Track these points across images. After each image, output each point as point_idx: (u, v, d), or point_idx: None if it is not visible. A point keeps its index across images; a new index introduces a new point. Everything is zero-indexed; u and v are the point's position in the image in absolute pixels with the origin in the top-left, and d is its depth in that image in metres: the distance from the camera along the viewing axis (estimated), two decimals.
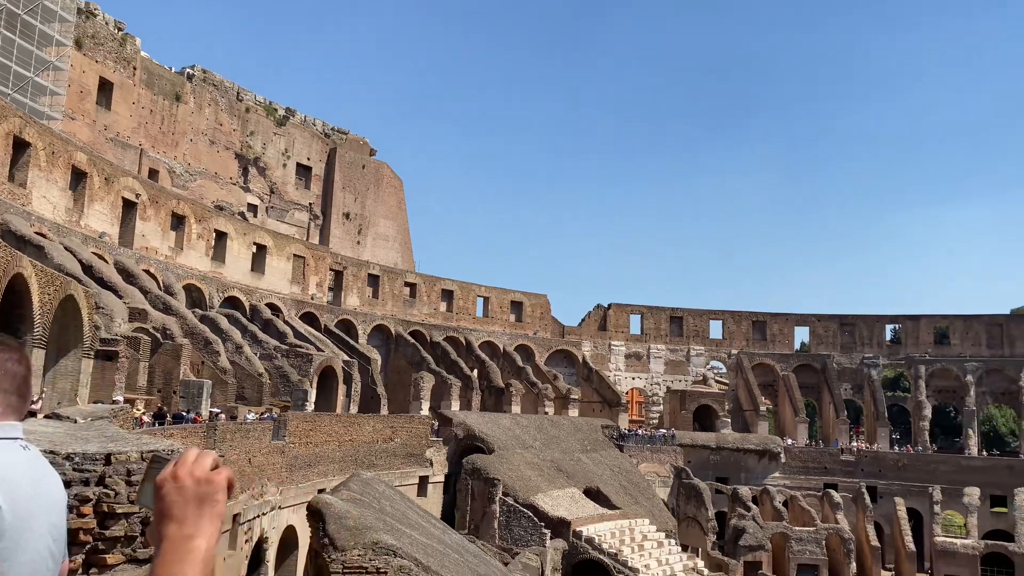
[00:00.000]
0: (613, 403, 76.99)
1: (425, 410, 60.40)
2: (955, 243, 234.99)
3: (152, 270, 49.47)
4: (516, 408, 68.02)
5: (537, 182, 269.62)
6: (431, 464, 50.31)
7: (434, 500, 50.40)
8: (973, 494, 64.80)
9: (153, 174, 62.50)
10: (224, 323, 48.94)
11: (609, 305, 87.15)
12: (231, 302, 56.27)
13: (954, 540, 62.52)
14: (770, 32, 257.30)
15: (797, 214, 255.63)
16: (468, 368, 69.47)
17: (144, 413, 29.39)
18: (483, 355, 74.02)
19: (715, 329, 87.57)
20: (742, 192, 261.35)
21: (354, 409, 53.33)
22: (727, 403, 79.70)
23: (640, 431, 74.92)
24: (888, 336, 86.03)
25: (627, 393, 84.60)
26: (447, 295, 78.67)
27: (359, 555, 17.13)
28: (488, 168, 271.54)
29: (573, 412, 72.65)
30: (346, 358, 55.85)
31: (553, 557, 44.35)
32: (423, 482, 49.62)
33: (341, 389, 52.98)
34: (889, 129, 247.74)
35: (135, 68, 63.97)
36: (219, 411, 35.05)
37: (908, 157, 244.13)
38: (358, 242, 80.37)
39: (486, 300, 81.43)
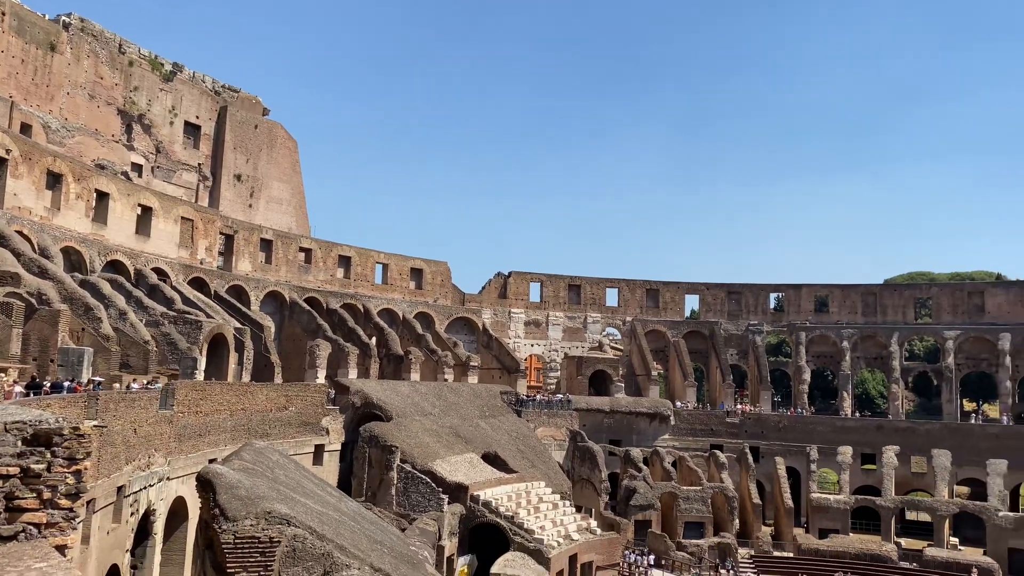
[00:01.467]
0: (512, 369, 77.89)
1: (321, 378, 59.44)
2: (835, 215, 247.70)
3: (25, 231, 46.39)
4: (415, 375, 67.85)
5: (438, 149, 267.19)
6: (327, 433, 49.68)
7: (330, 469, 49.87)
8: (846, 453, 69.18)
9: (26, 129, 58.29)
10: (106, 288, 46.54)
11: (509, 273, 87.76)
12: (114, 266, 53.51)
13: (828, 496, 66.67)
14: (661, 7, 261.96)
15: (689, 185, 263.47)
16: (366, 336, 68.67)
17: (17, 382, 27.69)
18: (382, 322, 73.29)
19: (611, 297, 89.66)
20: (637, 163, 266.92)
21: (247, 377, 51.96)
22: (621, 368, 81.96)
23: (538, 397, 76.22)
24: (772, 304, 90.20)
25: (526, 360, 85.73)
26: (344, 261, 77.27)
27: (251, 525, 16.75)
28: (388, 132, 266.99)
29: (473, 379, 73.10)
30: (238, 325, 54.20)
31: (450, 521, 44.78)
32: (319, 451, 48.99)
33: (233, 357, 51.46)
34: (774, 104, 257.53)
35: (3, 13, 59.26)
36: (101, 380, 33.40)
37: (792, 132, 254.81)
38: (250, 205, 77.67)
39: (385, 267, 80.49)
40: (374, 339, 69.87)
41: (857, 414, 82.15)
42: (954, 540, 61.16)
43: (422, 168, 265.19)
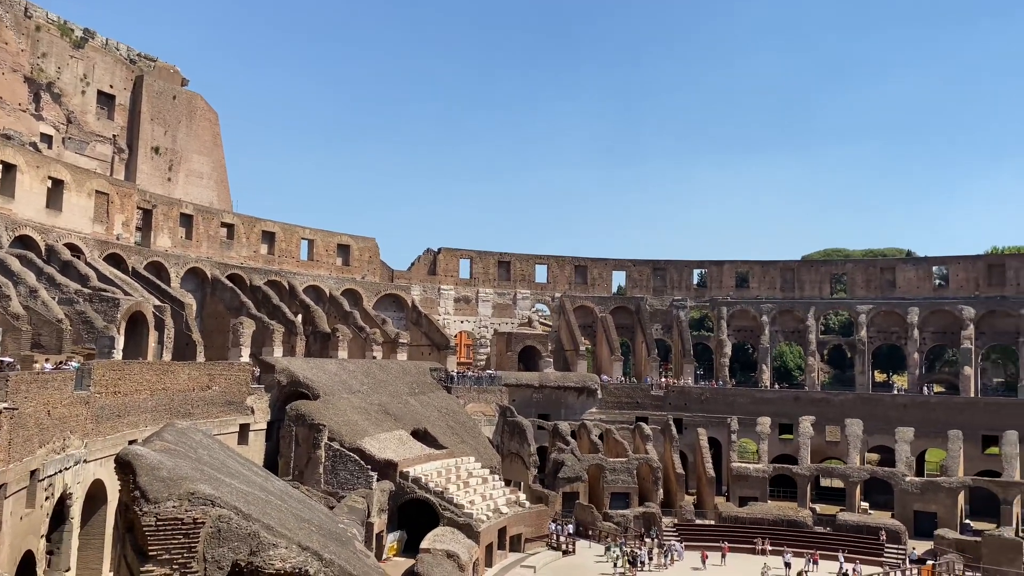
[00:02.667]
0: (442, 346, 77.87)
1: (246, 357, 58.34)
2: (756, 193, 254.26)
3: None
4: (343, 353, 67.20)
5: (366, 122, 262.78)
6: (252, 412, 48.93)
7: (256, 448, 49.21)
8: (765, 423, 71.73)
9: None
10: (15, 264, 44.54)
11: (439, 250, 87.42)
12: (23, 242, 51.15)
13: (748, 465, 69.06)
14: None
15: (616, 162, 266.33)
16: (292, 313, 67.58)
17: None
18: (308, 300, 72.20)
19: (540, 273, 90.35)
20: (565, 140, 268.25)
21: (167, 357, 50.63)
22: (550, 344, 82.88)
23: (468, 373, 76.51)
24: (695, 280, 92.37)
25: (456, 336, 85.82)
26: (268, 237, 75.63)
27: (174, 507, 16.45)
28: (315, 105, 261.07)
29: (402, 356, 72.82)
30: (157, 303, 52.63)
31: (379, 498, 44.77)
32: (244, 430, 48.27)
33: (152, 336, 50.03)
34: (700, 82, 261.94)
35: None
36: (11, 360, 32.06)
37: (716, 110, 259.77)
38: (169, 179, 75.11)
39: (311, 243, 79.12)
40: (300, 316, 68.82)
41: (776, 386, 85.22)
42: (865, 504, 64.22)
43: (349, 142, 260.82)
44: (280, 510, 20.17)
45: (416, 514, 47.25)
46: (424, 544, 40.22)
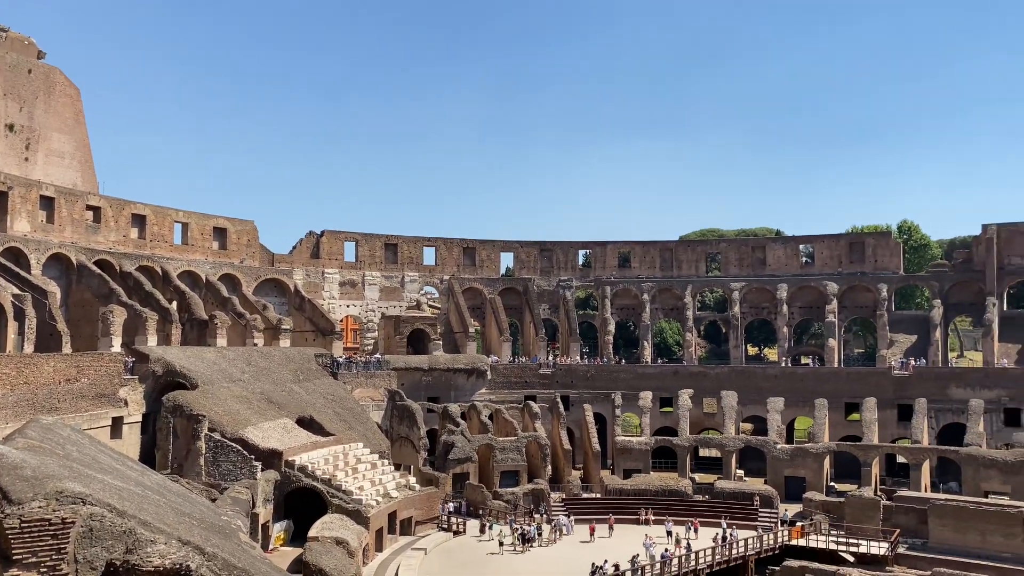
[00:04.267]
0: (327, 332, 76.33)
1: (117, 347, 55.34)
2: (636, 175, 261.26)
3: None
4: (222, 341, 64.76)
5: (243, 102, 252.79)
6: (126, 404, 46.61)
7: (131, 442, 46.96)
8: (647, 398, 74.29)
9: None
10: None
11: (322, 232, 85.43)
12: None
13: (631, 438, 71.39)
14: None
15: (503, 144, 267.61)
16: (166, 300, 64.55)
17: None
18: (183, 286, 69.14)
19: (428, 256, 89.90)
20: (452, 122, 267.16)
21: (30, 348, 47.53)
22: (439, 326, 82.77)
23: (355, 358, 75.39)
24: (581, 260, 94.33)
25: (341, 321, 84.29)
26: (139, 220, 71.77)
27: (40, 507, 15.48)
28: (187, 82, 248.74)
29: (285, 342, 70.92)
30: (16, 291, 49.20)
31: (264, 488, 43.66)
32: (117, 423, 45.95)
33: (12, 327, 46.84)
34: (585, 66, 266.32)
35: None
36: None
37: (599, 95, 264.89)
38: (26, 159, 69.96)
39: (185, 226, 75.61)
40: (175, 303, 65.83)
41: (658, 361, 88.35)
42: (740, 472, 67.67)
43: (225, 121, 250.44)
44: (158, 505, 19.34)
45: (304, 503, 46.35)
46: (312, 532, 39.56)
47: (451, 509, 56.32)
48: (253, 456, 45.85)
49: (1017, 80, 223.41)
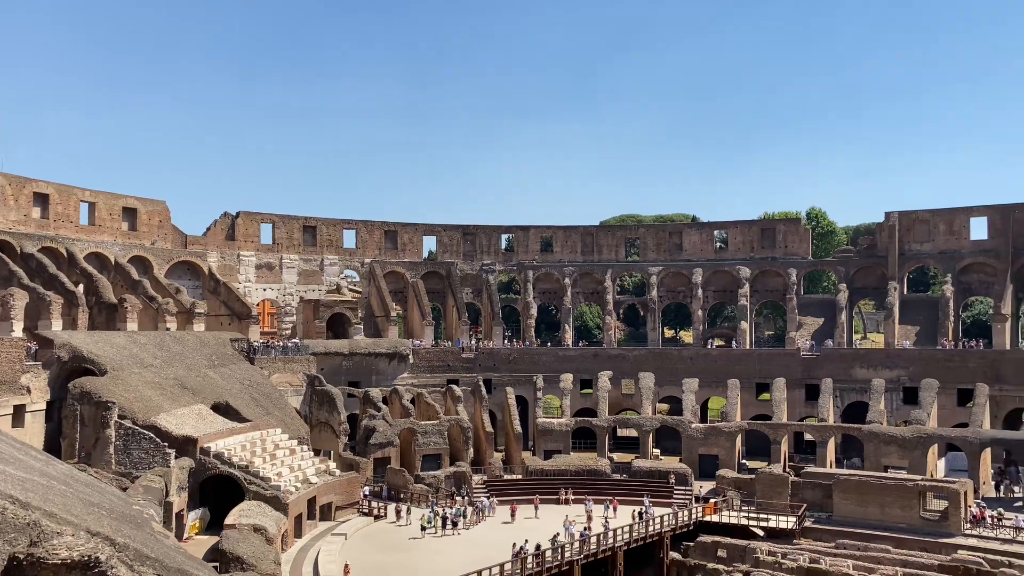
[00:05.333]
0: (243, 316, 74.53)
1: (18, 332, 52.81)
2: (558, 160, 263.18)
3: None
4: (133, 325, 62.51)
5: (155, 74, 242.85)
6: (28, 391, 44.62)
7: (34, 431, 45.04)
8: (567, 380, 75.29)
9: None
10: None
11: (238, 214, 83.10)
12: None
13: (552, 420, 72.27)
14: None
15: (422, 125, 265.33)
16: (72, 283, 61.82)
17: None
18: (90, 268, 66.35)
19: (349, 239, 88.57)
20: (373, 103, 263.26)
21: None
22: (360, 310, 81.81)
23: (272, 342, 73.87)
24: (504, 245, 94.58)
25: (258, 305, 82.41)
26: (41, 199, 68.34)
27: None
28: (92, 54, 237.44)
29: (199, 327, 68.93)
30: None
31: (179, 476, 42.54)
32: (19, 412, 43.99)
33: None
34: (505, 48, 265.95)
35: None
36: None
37: (520, 77, 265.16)
38: None
39: (92, 206, 72.39)
40: (81, 287, 63.11)
41: (579, 344, 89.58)
42: (657, 451, 69.42)
43: (136, 97, 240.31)
44: (64, 495, 18.66)
45: (221, 490, 45.38)
46: (228, 520, 38.82)
47: (367, 492, 56.07)
48: (166, 443, 44.59)
49: (919, 75, 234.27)
